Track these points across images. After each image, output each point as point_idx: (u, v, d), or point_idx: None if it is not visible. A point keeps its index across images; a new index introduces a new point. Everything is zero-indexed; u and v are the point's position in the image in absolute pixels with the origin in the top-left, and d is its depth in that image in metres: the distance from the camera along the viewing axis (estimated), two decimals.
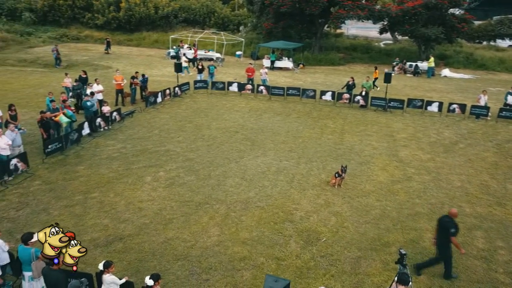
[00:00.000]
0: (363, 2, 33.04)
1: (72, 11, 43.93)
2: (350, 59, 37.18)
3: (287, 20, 35.51)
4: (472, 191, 12.76)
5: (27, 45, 37.81)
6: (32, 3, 43.95)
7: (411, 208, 11.59)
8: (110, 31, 42.74)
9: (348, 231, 10.45)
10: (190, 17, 44.94)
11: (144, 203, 11.32)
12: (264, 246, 9.71)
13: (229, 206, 11.35)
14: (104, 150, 14.77)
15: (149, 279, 6.64)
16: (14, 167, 12.11)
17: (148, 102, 19.64)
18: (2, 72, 27.09)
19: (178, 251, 9.39)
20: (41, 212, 10.71)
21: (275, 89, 22.87)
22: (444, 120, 19.93)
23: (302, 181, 12.98)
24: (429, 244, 9.96)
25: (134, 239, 9.76)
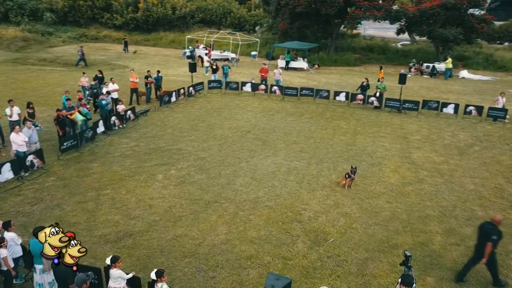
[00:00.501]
0: (380, 3, 32.72)
1: (91, 12, 44.77)
2: (366, 60, 36.88)
3: (303, 20, 35.46)
4: (486, 194, 12.54)
5: (47, 44, 38.70)
6: (53, 3, 44.95)
7: (421, 211, 11.47)
8: (128, 31, 43.41)
9: (356, 232, 10.41)
10: (207, 18, 45.27)
11: (154, 201, 11.50)
12: (271, 245, 9.75)
13: (238, 205, 11.43)
14: (118, 148, 15.03)
15: (154, 274, 6.76)
16: (30, 163, 12.44)
17: (162, 101, 19.88)
18: (22, 71, 27.79)
19: (186, 248, 9.51)
20: (55, 207, 10.98)
21: (289, 89, 22.87)
22: (460, 122, 19.61)
23: (312, 181, 12.98)
24: (439, 247, 9.89)
25: (143, 235, 9.93)
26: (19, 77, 25.77)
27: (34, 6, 45.04)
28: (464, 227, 10.76)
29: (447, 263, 9.29)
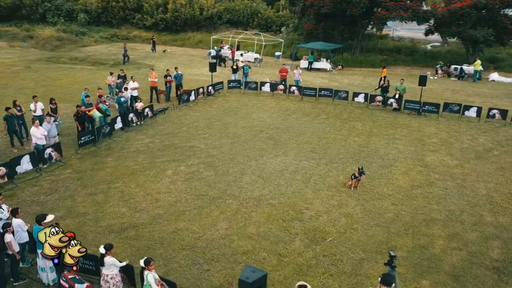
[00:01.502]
0: (407, 3, 32.05)
1: (123, 12, 46.15)
2: (392, 61, 36.18)
3: (328, 21, 35.24)
4: (498, 200, 12.18)
5: (80, 44, 40.23)
6: (88, 5, 46.66)
7: (427, 214, 11.30)
8: (157, 31, 44.46)
9: (356, 232, 10.39)
10: (234, 18, 45.73)
11: (161, 195, 11.87)
12: (269, 242, 9.90)
13: (242, 202, 11.63)
14: (133, 144, 15.56)
15: (142, 262, 7.07)
16: (49, 156, 13.11)
17: (181, 100, 20.36)
18: (54, 69, 29.07)
19: (185, 241, 9.81)
20: (67, 198, 11.54)
21: (307, 89, 22.87)
22: (482, 126, 19.03)
23: (318, 181, 13.01)
24: (439, 251, 9.74)
25: (146, 227, 10.30)
26: (50, 74, 26.99)
27: (70, 7, 46.96)
28: (470, 232, 10.53)
29: (445, 267, 9.15)
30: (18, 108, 14.88)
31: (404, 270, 9.03)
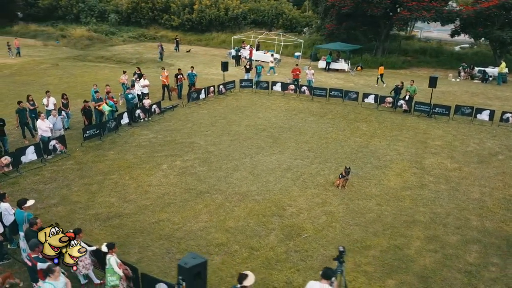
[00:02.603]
0: (431, 3, 31.26)
1: (152, 13, 47.55)
2: (416, 63, 35.45)
3: (350, 21, 34.95)
4: (489, 204, 11.89)
5: (109, 43, 41.81)
6: (119, 5, 48.40)
7: (410, 216, 11.21)
8: (183, 31, 45.54)
9: (333, 230, 10.47)
10: (259, 19, 46.12)
11: (152, 187, 12.37)
12: (244, 235, 10.16)
13: (227, 196, 11.94)
14: (136, 139, 16.20)
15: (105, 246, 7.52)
16: (53, 147, 13.92)
17: (191, 97, 20.90)
18: (80, 67, 30.45)
19: (164, 231, 10.23)
20: (64, 187, 12.25)
21: (318, 90, 22.87)
22: (494, 130, 18.46)
23: (308, 180, 13.13)
24: (414, 252, 9.70)
25: (131, 217, 10.80)
26: (74, 72, 28.32)
27: (102, 7, 48.87)
28: (450, 235, 10.38)
29: (415, 268, 9.10)
30: (31, 102, 15.84)
31: (373, 269, 9.06)
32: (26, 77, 26.07)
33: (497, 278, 8.85)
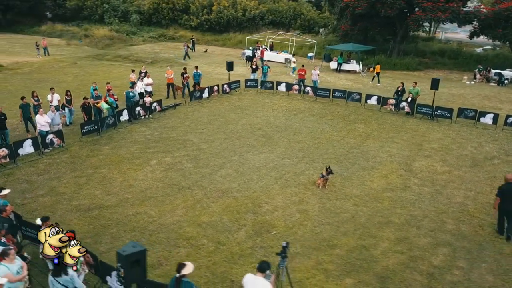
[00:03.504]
0: (447, 4, 30.55)
1: (172, 14, 48.53)
2: (433, 65, 34.80)
3: (365, 22, 34.66)
4: (471, 208, 11.69)
5: (129, 43, 42.99)
6: (141, 6, 49.66)
7: (385, 217, 11.17)
8: (201, 31, 46.28)
9: (303, 228, 10.59)
10: (277, 19, 46.29)
11: (136, 182, 12.82)
12: (215, 230, 10.42)
13: (207, 193, 12.24)
14: (133, 135, 16.74)
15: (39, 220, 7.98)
16: (50, 141, 14.61)
17: (193, 96, 21.34)
18: (96, 65, 31.51)
19: (138, 224, 10.63)
20: (55, 179, 12.88)
21: (321, 90, 22.87)
22: (497, 133, 17.99)
23: (290, 179, 13.26)
24: (379, 252, 9.71)
25: (110, 209, 11.26)
26: (90, 70, 29.35)
27: (125, 8, 50.26)
28: (422, 237, 10.31)
29: (376, 269, 9.12)
30: (36, 98, 16.65)
31: (333, 267, 9.14)
32: (43, 75, 27.26)
33: (459, 281, 8.75)
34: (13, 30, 48.78)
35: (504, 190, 10.08)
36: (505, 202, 10.00)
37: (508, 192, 9.97)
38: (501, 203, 10.12)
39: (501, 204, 10.12)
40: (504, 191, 10.05)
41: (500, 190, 10.17)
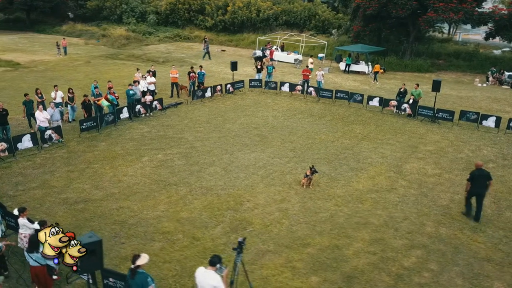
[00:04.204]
0: (460, 5, 29.92)
1: (188, 14, 49.16)
2: (446, 67, 34.15)
3: (377, 23, 34.31)
4: (454, 212, 11.55)
5: (144, 43, 43.78)
6: (158, 6, 50.51)
7: (364, 218, 11.16)
8: (216, 32, 46.70)
9: (280, 227, 10.69)
10: (291, 20, 46.24)
11: (126, 177, 13.18)
12: (192, 226, 10.65)
13: (192, 190, 12.48)
14: (132, 132, 17.16)
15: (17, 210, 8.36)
16: (49, 136, 15.15)
17: (195, 95, 21.67)
18: (109, 64, 32.30)
19: (120, 217, 10.96)
20: (48, 173, 13.38)
21: (324, 91, 22.83)
22: (498, 137, 17.61)
23: (276, 178, 13.36)
24: (351, 252, 9.73)
25: (95, 203, 11.64)
26: (102, 69, 30.12)
27: (143, 9, 51.22)
28: (398, 239, 10.27)
29: (345, 268, 9.16)
30: (40, 95, 17.29)
31: (302, 265, 9.23)
32: (56, 73, 28.15)
33: (426, 284, 8.70)
34: (35, 29, 50.40)
35: (474, 175, 10.98)
36: (475, 186, 10.98)
37: (477, 177, 10.92)
38: (471, 187, 11.06)
39: (471, 188, 11.06)
40: (474, 176, 10.97)
41: (471, 175, 11.07)
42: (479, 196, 11.04)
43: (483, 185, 10.92)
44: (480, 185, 10.92)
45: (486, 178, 10.92)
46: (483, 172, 10.99)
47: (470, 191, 11.09)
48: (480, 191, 10.97)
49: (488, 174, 11.00)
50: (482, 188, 10.94)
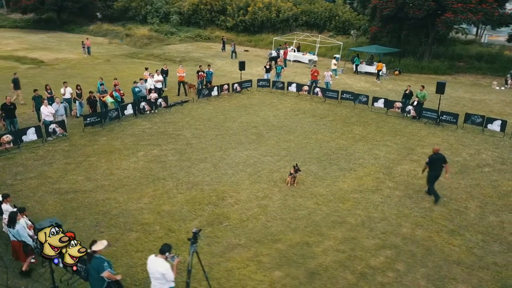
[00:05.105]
0: (482, 5, 29.07)
1: (210, 15, 49.94)
2: (466, 69, 33.20)
3: (394, 24, 33.82)
4: (435, 214, 11.42)
5: (166, 42, 44.80)
6: (181, 7, 51.55)
7: (342, 217, 11.21)
8: (236, 32, 47.23)
9: (256, 222, 10.90)
10: (311, 21, 46.15)
11: (118, 170, 13.72)
12: (171, 218, 11.01)
13: (178, 184, 12.87)
14: (134, 128, 17.76)
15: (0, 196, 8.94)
16: (53, 130, 15.93)
17: (201, 94, 22.13)
18: (127, 63, 33.30)
19: (104, 208, 11.46)
20: (47, 164, 14.09)
21: (330, 92, 22.80)
22: (503, 141, 17.10)
23: (264, 175, 13.56)
24: (320, 250, 9.86)
25: (84, 194, 12.21)
26: (119, 67, 31.12)
27: (167, 9, 52.40)
28: (370, 239, 10.28)
29: (310, 264, 9.28)
30: (49, 91, 18.18)
31: (268, 260, 9.41)
32: (75, 71, 29.32)
33: (388, 283, 8.71)
34: (64, 29, 52.47)
35: (432, 159, 11.95)
36: (433, 169, 11.98)
37: (435, 160, 11.90)
38: (429, 171, 12.06)
39: (430, 172, 12.05)
40: (432, 160, 11.95)
41: (429, 159, 12.03)
42: (436, 178, 12.08)
43: (440, 168, 11.95)
44: (437, 168, 11.94)
45: (442, 161, 11.91)
46: (439, 156, 11.94)
47: (430, 175, 12.05)
48: (437, 173, 11.98)
49: (444, 158, 11.99)
50: (439, 170, 11.97)
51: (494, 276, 8.98)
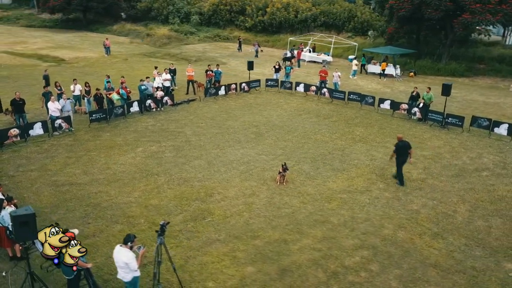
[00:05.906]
0: (501, 6, 28.23)
1: (229, 15, 50.40)
2: (485, 71, 32.30)
3: (411, 25, 33.26)
4: (421, 217, 11.28)
5: (184, 42, 45.52)
6: (202, 8, 52.24)
7: (325, 217, 11.23)
8: (255, 32, 47.46)
9: (238, 219, 11.07)
10: (329, 21, 45.85)
11: (115, 165, 14.16)
12: (156, 212, 11.32)
13: (170, 180, 13.18)
14: (138, 125, 18.23)
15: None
16: (59, 125, 16.57)
17: (208, 93, 22.45)
18: (143, 62, 34.03)
19: (95, 200, 11.88)
20: (49, 157, 14.69)
21: (337, 93, 22.69)
22: (509, 145, 16.64)
23: (255, 173, 13.71)
24: (296, 248, 9.90)
25: (79, 186, 12.68)
26: (135, 66, 31.88)
27: (188, 10, 53.21)
28: (349, 239, 10.28)
29: (284, 261, 9.38)
30: (59, 87, 18.89)
31: (243, 255, 9.57)
32: (93, 69, 30.24)
33: (359, 283, 8.71)
34: (89, 29, 54.03)
35: (398, 146, 12.87)
36: (400, 155, 12.89)
37: (400, 148, 12.83)
38: (397, 157, 12.92)
39: (398, 158, 12.92)
40: (398, 147, 12.87)
41: (396, 146, 12.95)
42: (403, 163, 12.94)
43: (406, 153, 12.85)
44: (403, 153, 12.85)
45: (407, 148, 12.83)
46: (404, 143, 12.88)
47: (398, 161, 12.93)
48: (404, 158, 12.89)
49: (409, 144, 12.97)
50: (405, 155, 12.88)
51: (469, 280, 8.84)
